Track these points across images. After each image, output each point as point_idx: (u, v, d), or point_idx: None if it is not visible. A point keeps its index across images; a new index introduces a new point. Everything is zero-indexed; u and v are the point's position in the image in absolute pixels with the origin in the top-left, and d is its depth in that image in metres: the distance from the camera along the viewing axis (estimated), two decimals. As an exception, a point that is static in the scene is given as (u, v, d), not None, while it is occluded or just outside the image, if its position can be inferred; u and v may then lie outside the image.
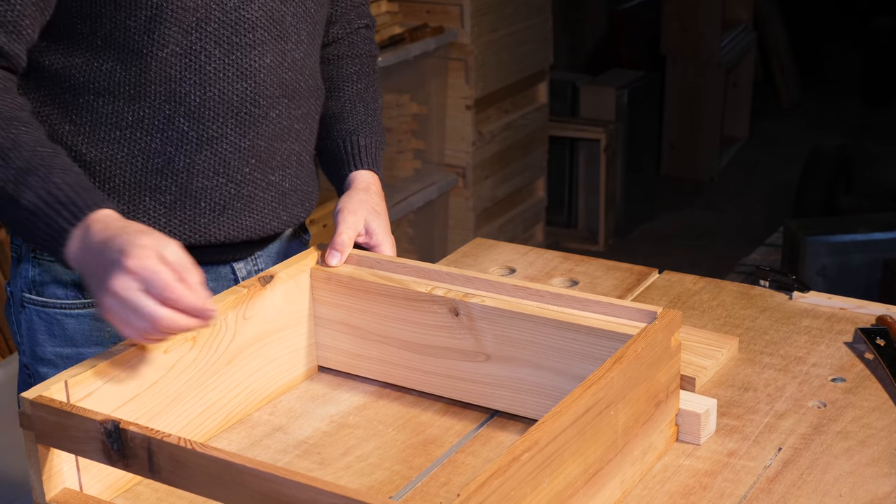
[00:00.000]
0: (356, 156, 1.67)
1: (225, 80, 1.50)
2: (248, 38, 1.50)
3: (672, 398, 1.38)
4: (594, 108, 5.03)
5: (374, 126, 1.72)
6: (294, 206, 1.64)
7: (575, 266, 1.84)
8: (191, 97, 1.48)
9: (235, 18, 1.49)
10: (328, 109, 1.71)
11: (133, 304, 1.22)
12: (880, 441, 1.38)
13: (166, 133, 1.49)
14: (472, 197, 4.15)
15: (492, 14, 4.09)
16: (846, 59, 7.37)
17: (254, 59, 1.51)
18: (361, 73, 1.76)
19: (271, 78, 1.54)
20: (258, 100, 1.53)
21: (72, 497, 1.24)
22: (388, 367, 1.52)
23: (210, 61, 1.48)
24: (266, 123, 1.55)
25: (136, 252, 1.22)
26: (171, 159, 1.50)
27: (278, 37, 1.54)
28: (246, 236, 1.59)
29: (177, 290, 1.22)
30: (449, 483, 1.32)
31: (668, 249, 4.95)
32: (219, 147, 1.52)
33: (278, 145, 1.58)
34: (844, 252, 3.64)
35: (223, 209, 1.55)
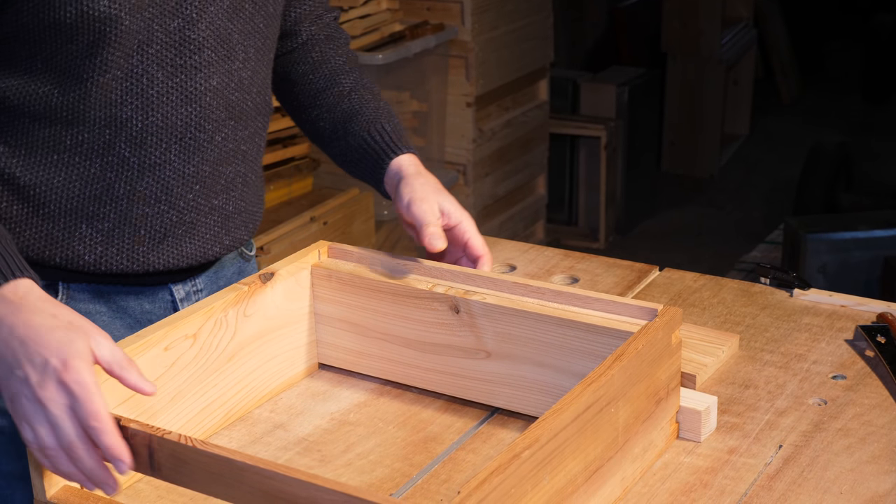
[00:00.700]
0: (389, 143, 1.59)
1: (168, 105, 1.43)
2: (194, 59, 1.43)
3: (672, 395, 1.38)
4: (595, 105, 5.03)
5: (388, 109, 1.66)
6: (237, 230, 1.58)
7: (575, 263, 1.84)
8: (132, 122, 1.41)
9: (180, 40, 1.42)
10: (334, 108, 1.65)
11: (53, 420, 1.12)
12: (881, 438, 1.38)
13: (106, 158, 1.42)
14: (473, 194, 4.15)
15: (492, 11, 4.09)
16: (847, 57, 7.37)
17: (199, 82, 1.45)
18: (349, 62, 1.71)
19: (217, 101, 1.47)
20: (203, 124, 1.46)
21: (72, 495, 1.24)
22: (389, 364, 1.52)
23: (153, 85, 1.41)
24: (211, 148, 1.49)
25: (74, 364, 1.12)
26: (111, 186, 1.43)
27: (225, 57, 1.47)
28: (186, 263, 1.52)
29: (101, 421, 1.12)
30: (449, 480, 1.32)
31: (669, 247, 4.95)
32: (161, 173, 1.45)
33: (223, 169, 1.52)
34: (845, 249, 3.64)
35: (164, 236, 1.49)
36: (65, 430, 1.12)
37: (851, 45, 7.41)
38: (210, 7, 1.44)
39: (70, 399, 1.12)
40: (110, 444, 1.12)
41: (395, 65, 3.69)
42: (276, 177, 3.41)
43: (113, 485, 1.15)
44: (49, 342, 1.14)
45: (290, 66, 1.69)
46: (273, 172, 3.40)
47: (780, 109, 6.68)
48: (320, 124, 1.66)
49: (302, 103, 1.68)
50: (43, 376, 1.12)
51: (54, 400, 1.12)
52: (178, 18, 1.41)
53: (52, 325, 1.16)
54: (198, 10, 1.42)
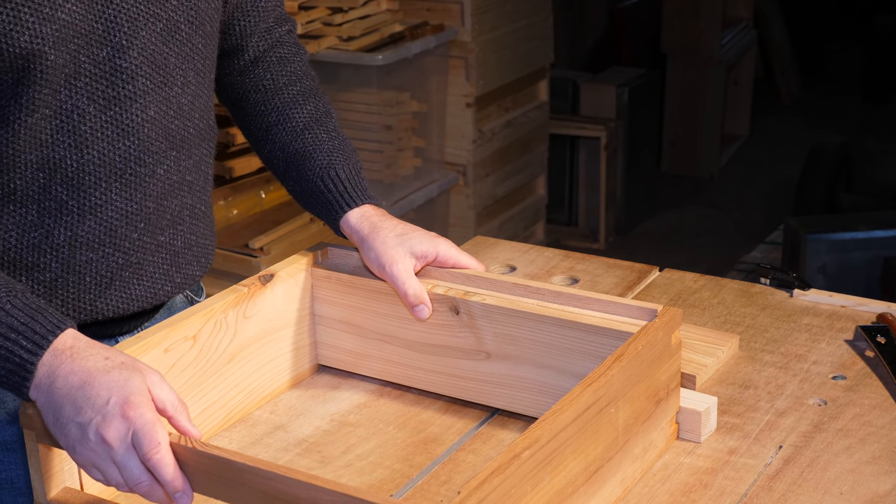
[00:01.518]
0: (343, 194, 1.51)
1: (104, 140, 1.34)
2: (127, 90, 1.34)
3: (672, 396, 1.38)
4: (595, 105, 5.03)
5: (344, 148, 1.56)
6: (188, 266, 1.50)
7: (575, 264, 1.84)
8: (67, 163, 1.32)
9: (110, 70, 1.32)
10: (286, 146, 1.55)
11: (119, 459, 1.11)
12: (881, 439, 1.37)
13: (43, 204, 1.33)
14: (473, 195, 4.15)
15: (492, 12, 4.09)
16: (847, 57, 7.37)
17: (135, 113, 1.35)
18: (304, 90, 1.60)
19: (157, 131, 1.38)
20: (143, 157, 1.37)
21: (72, 496, 1.24)
22: (389, 365, 1.52)
23: (84, 120, 1.32)
24: (153, 182, 1.40)
25: (135, 400, 1.12)
26: (50, 232, 1.34)
27: (162, 84, 1.38)
28: (137, 307, 1.45)
29: (161, 454, 1.11)
30: (449, 481, 1.32)
31: (669, 247, 4.95)
32: (103, 215, 1.36)
33: (168, 203, 1.43)
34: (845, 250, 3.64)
35: (110, 281, 1.40)
36: (130, 468, 1.11)
37: (851, 45, 7.41)
38: (142, 32, 1.35)
39: (132, 434, 1.11)
40: (169, 479, 1.11)
41: (395, 65, 3.69)
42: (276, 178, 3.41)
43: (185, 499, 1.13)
44: (107, 383, 1.13)
45: (242, 94, 1.60)
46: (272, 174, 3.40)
47: (780, 110, 6.68)
48: (274, 161, 1.58)
49: (255, 135, 1.60)
50: (104, 415, 1.11)
51: (118, 437, 1.11)
52: (107, 47, 1.32)
53: (106, 366, 1.15)
54: (128, 36, 1.33)
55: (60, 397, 1.14)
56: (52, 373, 1.15)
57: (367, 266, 1.49)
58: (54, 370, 1.15)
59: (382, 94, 3.69)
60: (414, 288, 1.43)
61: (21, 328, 1.16)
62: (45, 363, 1.16)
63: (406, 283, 1.43)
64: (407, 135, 3.84)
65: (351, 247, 1.55)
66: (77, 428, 1.12)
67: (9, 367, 1.16)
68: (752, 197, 5.53)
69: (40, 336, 1.16)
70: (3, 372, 1.17)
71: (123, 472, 1.12)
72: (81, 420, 1.12)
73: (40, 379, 1.16)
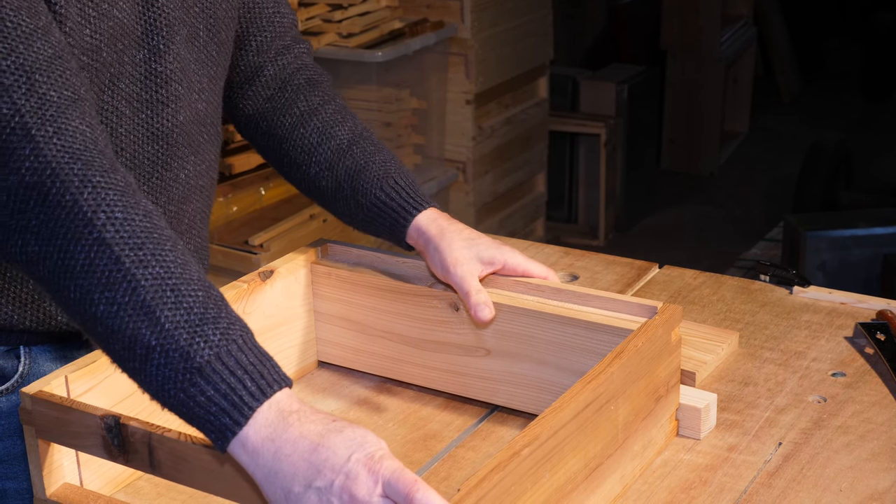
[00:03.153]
0: (407, 201, 1.46)
1: (136, 143, 1.33)
2: (161, 94, 1.33)
3: (672, 393, 1.38)
4: (594, 102, 5.03)
5: (394, 158, 1.52)
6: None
7: (575, 261, 1.84)
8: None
9: (146, 73, 1.31)
10: (335, 165, 1.50)
11: None
12: (880, 436, 1.38)
13: None
14: (473, 192, 4.15)
15: (492, 9, 4.09)
16: (846, 55, 7.37)
17: (166, 118, 1.34)
18: (339, 109, 1.56)
19: (182, 137, 1.38)
20: (169, 161, 1.37)
21: (72, 492, 1.24)
22: (389, 362, 1.52)
23: (121, 122, 1.31)
24: (176, 186, 1.39)
25: (378, 453, 1.02)
26: None
27: (188, 89, 1.37)
28: None
29: (424, 491, 1.00)
30: (449, 478, 1.33)
31: (669, 244, 4.96)
32: None
33: (186, 207, 1.43)
34: (844, 247, 3.64)
35: None
36: None
37: (851, 42, 7.41)
38: (175, 37, 1.34)
39: (384, 485, 1.01)
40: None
41: (395, 62, 3.69)
42: (275, 175, 3.40)
43: None
44: (344, 441, 1.03)
45: (273, 119, 1.55)
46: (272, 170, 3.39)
47: (780, 107, 6.68)
48: (321, 183, 1.51)
49: (294, 160, 1.53)
50: (348, 473, 1.01)
51: (369, 492, 1.00)
52: (145, 49, 1.32)
53: (337, 427, 1.05)
54: (165, 40, 1.33)
55: (291, 464, 1.02)
56: (275, 438, 1.03)
57: (430, 269, 1.45)
58: (278, 436, 1.03)
59: (382, 90, 3.69)
60: (476, 287, 1.39)
61: (249, 368, 1.05)
62: (267, 420, 1.04)
63: (470, 283, 1.39)
64: (406, 132, 3.84)
65: (351, 243, 1.55)
66: (317, 494, 1.01)
67: (224, 404, 1.03)
68: (752, 194, 5.53)
69: (266, 383, 1.05)
70: (215, 409, 1.03)
71: None
72: (321, 484, 1.01)
73: (261, 443, 1.03)
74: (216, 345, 1.04)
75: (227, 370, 1.04)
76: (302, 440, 1.03)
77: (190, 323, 1.05)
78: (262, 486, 1.04)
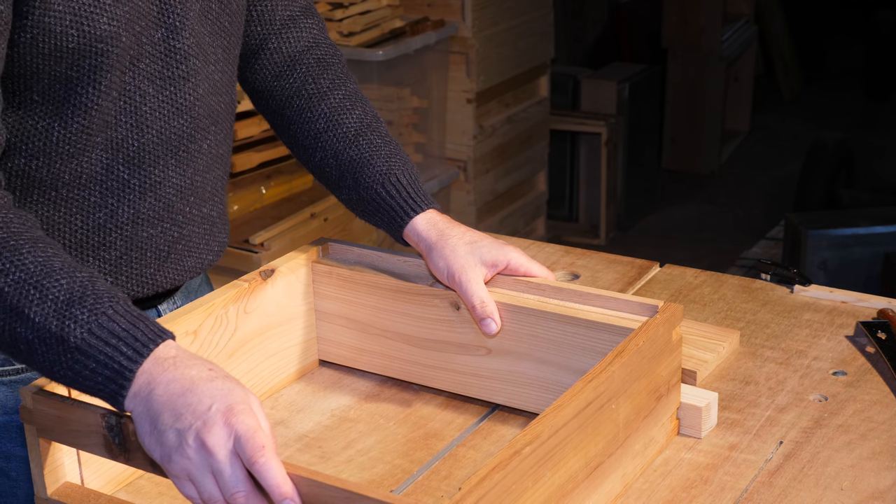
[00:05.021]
0: (406, 200, 1.47)
1: (162, 119, 1.37)
2: (181, 70, 1.37)
3: (673, 392, 1.38)
4: (595, 101, 5.03)
5: (400, 153, 1.51)
6: (220, 235, 1.53)
7: (576, 260, 1.84)
8: (128, 142, 1.35)
9: (165, 50, 1.35)
10: (340, 153, 1.50)
11: (217, 466, 1.06)
12: (881, 435, 1.38)
13: (106, 184, 1.36)
14: (473, 191, 4.15)
15: (492, 7, 4.08)
16: (847, 53, 7.36)
17: (188, 92, 1.39)
18: (350, 94, 1.55)
19: (204, 109, 1.42)
20: (194, 134, 1.41)
21: (73, 491, 1.24)
22: (390, 360, 1.52)
23: (145, 101, 1.35)
24: (200, 157, 1.44)
25: (239, 408, 1.07)
26: (114, 212, 1.37)
27: (205, 62, 1.41)
28: (188, 277, 1.49)
29: (267, 457, 1.05)
30: (450, 477, 1.33)
31: (670, 243, 4.95)
32: (161, 191, 1.40)
33: (209, 176, 1.47)
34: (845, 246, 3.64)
35: (168, 255, 1.44)
36: (228, 474, 1.06)
37: (852, 41, 7.41)
38: (189, 13, 1.37)
39: (234, 441, 1.06)
40: (276, 483, 1.05)
41: (396, 61, 3.68)
42: (277, 173, 3.41)
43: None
44: (211, 390, 1.09)
45: (283, 100, 1.56)
46: (273, 169, 3.40)
47: (781, 106, 6.67)
48: (326, 170, 1.52)
49: (302, 144, 1.54)
50: (206, 421, 1.07)
51: (219, 443, 1.06)
52: (162, 28, 1.35)
53: (210, 376, 1.11)
54: (180, 17, 1.36)
55: (160, 404, 1.09)
56: (152, 380, 1.10)
57: (433, 274, 1.46)
58: (155, 377, 1.11)
59: (383, 89, 3.69)
60: (482, 300, 1.39)
61: (123, 334, 1.12)
62: (145, 370, 1.11)
63: (475, 295, 1.39)
64: (407, 130, 3.84)
65: (352, 242, 1.55)
66: (175, 435, 1.07)
67: (106, 373, 1.11)
68: (753, 193, 5.53)
69: (141, 344, 1.12)
70: (101, 379, 1.12)
71: (221, 478, 1.06)
72: (181, 426, 1.07)
73: (139, 387, 1.11)
74: (86, 322, 1.12)
75: (101, 342, 1.12)
76: (174, 383, 1.10)
77: (57, 311, 1.13)
78: (136, 423, 1.11)
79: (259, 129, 3.30)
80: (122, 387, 1.11)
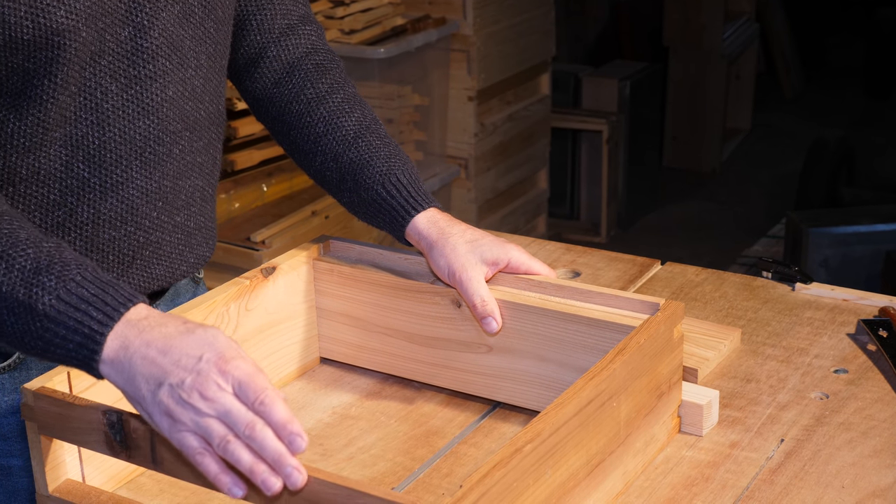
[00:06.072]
0: (407, 199, 1.47)
1: (125, 118, 1.34)
2: (148, 69, 1.35)
3: (674, 390, 1.38)
4: (596, 99, 5.03)
5: (400, 154, 1.52)
6: (199, 247, 1.50)
7: (577, 257, 1.84)
8: (89, 140, 1.33)
9: (132, 49, 1.33)
10: (339, 156, 1.51)
11: (224, 408, 1.04)
12: (882, 432, 1.38)
13: (65, 182, 1.33)
14: (474, 188, 4.15)
15: (494, 5, 4.08)
16: (849, 51, 7.36)
17: (155, 93, 1.36)
18: (348, 98, 1.56)
19: (174, 111, 1.39)
20: (161, 136, 1.38)
21: (74, 488, 1.24)
22: (391, 358, 1.52)
23: (107, 98, 1.32)
24: (170, 161, 1.40)
25: (229, 353, 1.07)
26: (73, 211, 1.35)
27: (179, 65, 1.39)
28: (156, 286, 1.45)
29: (271, 396, 1.04)
30: (451, 474, 1.33)
31: (671, 241, 4.95)
32: (124, 193, 1.37)
33: (182, 183, 1.44)
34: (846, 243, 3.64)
35: (132, 260, 1.41)
36: (238, 414, 1.03)
37: (853, 39, 7.41)
38: (162, 14, 1.35)
39: (234, 385, 1.05)
40: (283, 420, 1.03)
41: (397, 59, 3.68)
42: (278, 171, 3.41)
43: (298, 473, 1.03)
44: (195, 342, 1.08)
45: (282, 106, 1.56)
46: (274, 166, 3.40)
47: (782, 104, 6.67)
48: (326, 173, 1.53)
49: (301, 148, 1.55)
50: (199, 372, 1.05)
51: (219, 391, 1.04)
52: (129, 27, 1.33)
53: (187, 328, 1.10)
54: (149, 17, 1.34)
55: (144, 369, 1.07)
56: (128, 344, 1.09)
57: (434, 272, 1.46)
58: (130, 341, 1.09)
59: (384, 87, 3.69)
60: (482, 298, 1.39)
61: (92, 299, 1.11)
62: (118, 334, 1.10)
63: (475, 294, 1.40)
64: (408, 128, 3.84)
65: (353, 240, 1.55)
66: (169, 391, 1.05)
67: (77, 339, 1.10)
68: (754, 191, 5.53)
69: (111, 308, 1.11)
70: (72, 346, 1.10)
71: (230, 417, 1.03)
72: (174, 381, 1.05)
73: (115, 353, 1.09)
74: (53, 288, 1.11)
75: (70, 307, 1.11)
76: (153, 343, 1.08)
77: (24, 279, 1.12)
78: (125, 393, 1.10)
79: (260, 126, 3.30)
80: (93, 352, 1.10)
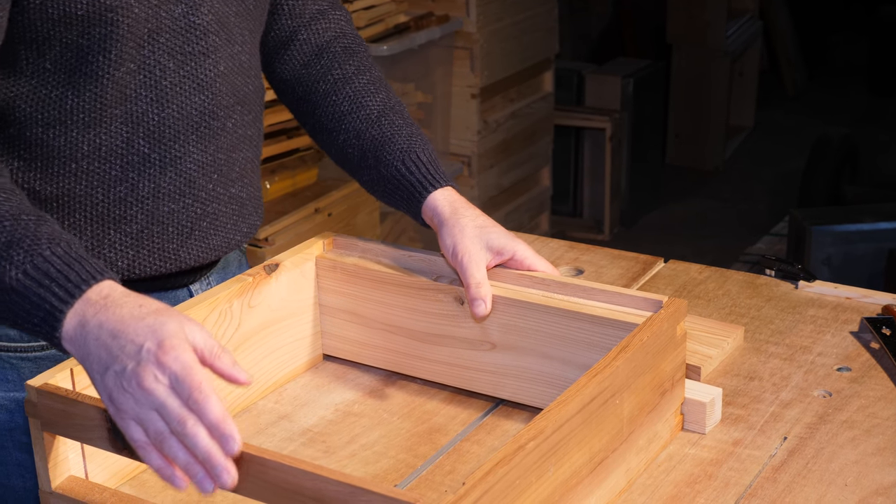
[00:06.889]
0: (425, 176, 1.49)
1: (182, 94, 1.39)
2: (201, 45, 1.40)
3: (677, 387, 1.38)
4: (600, 97, 5.02)
5: (421, 135, 1.54)
6: (251, 217, 1.55)
7: (580, 255, 1.84)
8: (149, 116, 1.37)
9: (185, 26, 1.38)
10: (362, 133, 1.54)
11: (159, 402, 1.06)
12: (885, 430, 1.37)
13: (126, 158, 1.38)
14: (478, 186, 4.15)
15: (497, 3, 4.08)
16: (852, 49, 7.36)
17: (208, 68, 1.41)
18: (374, 80, 1.59)
19: (226, 86, 1.44)
20: (216, 111, 1.43)
21: (77, 484, 1.24)
22: (394, 355, 1.52)
23: (165, 75, 1.37)
24: (224, 135, 1.46)
25: (169, 343, 1.08)
26: (135, 186, 1.39)
27: (227, 41, 1.43)
28: (214, 256, 1.50)
29: (204, 393, 1.05)
30: (454, 471, 1.33)
31: (674, 239, 4.95)
32: (182, 166, 1.42)
33: (236, 155, 1.49)
34: (849, 241, 3.64)
35: (191, 231, 1.46)
36: (171, 408, 1.05)
37: (857, 37, 7.40)
38: None
39: (171, 378, 1.06)
40: (216, 419, 1.05)
41: (400, 56, 3.68)
42: (281, 168, 3.41)
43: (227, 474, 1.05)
44: (141, 329, 1.09)
45: (309, 85, 1.60)
46: (278, 164, 3.40)
47: (786, 101, 6.67)
48: (348, 150, 1.56)
49: (325, 126, 1.58)
50: (139, 362, 1.07)
51: (155, 382, 1.06)
52: (182, 4, 1.37)
53: (140, 313, 1.11)
54: None
55: (95, 350, 1.10)
56: (85, 322, 1.11)
57: (441, 250, 1.46)
58: (87, 320, 1.11)
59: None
60: (478, 281, 1.40)
61: (56, 275, 1.13)
62: (77, 312, 1.12)
63: (472, 276, 1.40)
64: (412, 125, 3.84)
65: (356, 237, 1.56)
66: (114, 377, 1.08)
67: (40, 314, 1.13)
68: (757, 188, 5.52)
69: (73, 285, 1.13)
70: (36, 320, 1.14)
71: (164, 412, 1.05)
72: (118, 368, 1.08)
73: (73, 330, 1.12)
74: (21, 263, 1.14)
75: (35, 283, 1.13)
76: (106, 325, 1.11)
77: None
78: (84, 367, 1.13)
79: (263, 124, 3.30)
80: (53, 328, 1.13)
